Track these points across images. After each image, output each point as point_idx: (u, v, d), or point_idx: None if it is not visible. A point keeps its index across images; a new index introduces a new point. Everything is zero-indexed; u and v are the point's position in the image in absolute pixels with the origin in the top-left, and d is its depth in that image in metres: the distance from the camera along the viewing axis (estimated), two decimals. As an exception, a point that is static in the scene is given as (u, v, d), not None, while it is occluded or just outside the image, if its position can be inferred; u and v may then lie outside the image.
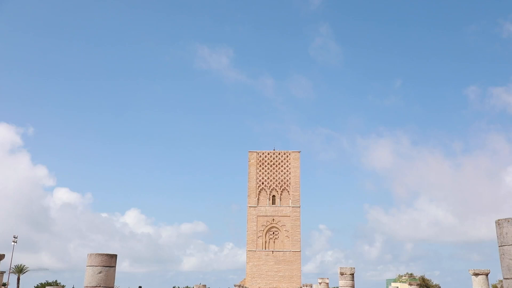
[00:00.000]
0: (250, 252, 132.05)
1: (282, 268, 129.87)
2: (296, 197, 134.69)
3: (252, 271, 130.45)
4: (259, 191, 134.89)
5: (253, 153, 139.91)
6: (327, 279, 39.84)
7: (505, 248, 7.60)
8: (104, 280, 14.11)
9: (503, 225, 7.65)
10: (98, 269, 14.12)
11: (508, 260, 7.46)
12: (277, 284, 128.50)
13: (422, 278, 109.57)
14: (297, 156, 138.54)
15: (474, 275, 26.07)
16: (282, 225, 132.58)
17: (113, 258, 14.58)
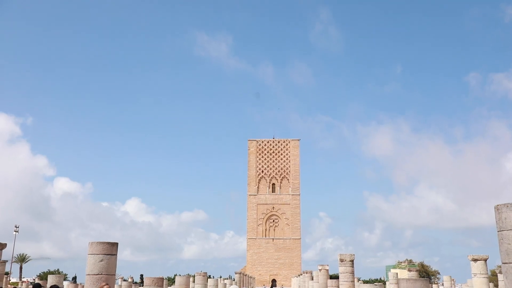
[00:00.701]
0: (250, 240, 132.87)
1: (282, 256, 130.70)
2: (296, 185, 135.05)
3: (252, 258, 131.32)
4: (259, 179, 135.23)
5: (252, 141, 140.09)
6: (327, 266, 40.09)
7: (503, 233, 7.64)
8: (106, 268, 14.19)
9: (502, 210, 7.69)
10: (99, 257, 14.20)
11: (506, 245, 7.51)
12: (277, 271, 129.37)
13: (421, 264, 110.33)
14: (296, 144, 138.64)
15: (473, 260, 26.24)
16: (282, 213, 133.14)
17: (114, 246, 14.65)
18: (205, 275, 35.10)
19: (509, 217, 7.48)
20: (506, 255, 7.49)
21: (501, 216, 7.63)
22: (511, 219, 7.43)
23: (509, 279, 7.39)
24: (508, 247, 7.45)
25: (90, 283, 14.00)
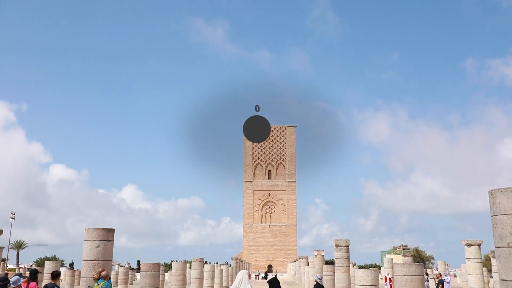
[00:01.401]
0: (246, 226, 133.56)
1: (279, 242, 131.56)
2: (292, 171, 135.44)
3: (249, 244, 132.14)
4: (255, 166, 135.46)
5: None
6: (322, 252, 40.37)
7: (497, 217, 7.70)
8: (102, 253, 14.23)
9: (496, 195, 7.74)
10: (96, 243, 14.24)
11: (500, 229, 7.57)
12: (273, 257, 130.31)
13: (416, 250, 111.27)
14: (292, 130, 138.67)
15: (467, 245, 26.50)
16: (278, 199, 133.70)
17: (111, 232, 14.69)
18: (202, 261, 35.29)
19: (502, 202, 7.54)
20: (500, 239, 7.55)
21: (495, 201, 7.68)
22: (504, 204, 7.48)
23: (502, 263, 7.47)
24: (501, 232, 7.52)
25: (87, 268, 14.06)
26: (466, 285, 41.39)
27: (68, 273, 44.78)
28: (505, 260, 7.39)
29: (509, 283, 7.31)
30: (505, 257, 7.40)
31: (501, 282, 7.58)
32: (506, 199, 7.46)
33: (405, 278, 14.16)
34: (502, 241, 7.46)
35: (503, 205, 7.49)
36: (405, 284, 14.12)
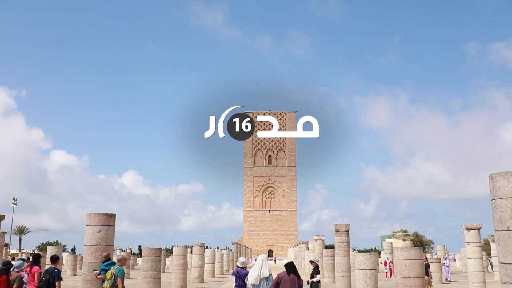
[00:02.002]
0: (247, 212, 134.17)
1: (279, 227, 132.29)
2: (292, 157, 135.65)
3: (249, 229, 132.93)
4: (255, 152, 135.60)
5: (248, 113, 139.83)
6: (322, 236, 40.62)
7: (497, 201, 7.72)
8: (104, 238, 14.33)
9: (496, 179, 7.75)
10: (97, 228, 14.32)
11: (499, 213, 7.60)
12: (274, 242, 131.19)
13: (416, 234, 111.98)
14: (292, 116, 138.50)
15: (467, 230, 26.63)
16: (278, 185, 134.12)
17: (112, 217, 14.76)
18: (203, 246, 35.55)
19: (502, 186, 7.55)
20: (499, 223, 7.59)
21: (495, 184, 7.70)
22: (504, 187, 7.50)
23: (501, 246, 7.52)
24: (501, 215, 7.55)
25: (89, 253, 14.16)
26: (465, 269, 41.73)
27: (70, 258, 45.14)
28: (504, 243, 7.43)
29: (508, 266, 7.37)
30: (504, 241, 7.44)
31: (500, 265, 7.64)
32: (506, 183, 7.47)
33: (405, 262, 14.28)
34: (501, 225, 7.50)
35: (503, 188, 7.51)
36: (404, 267, 14.24)
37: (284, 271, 10.88)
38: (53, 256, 12.02)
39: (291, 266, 11.00)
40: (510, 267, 7.33)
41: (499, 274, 7.72)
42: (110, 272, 11.76)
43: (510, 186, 7.49)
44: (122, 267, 12.15)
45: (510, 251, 7.34)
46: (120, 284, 11.39)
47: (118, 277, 11.61)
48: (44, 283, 11.19)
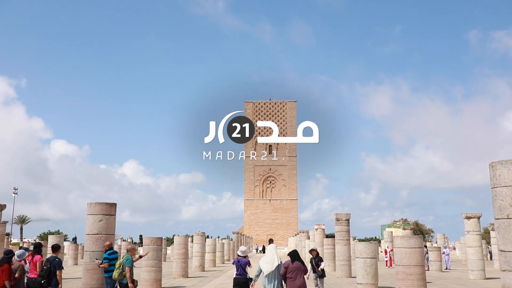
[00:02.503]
0: (247, 201, 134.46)
1: (279, 216, 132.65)
2: (293, 146, 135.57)
3: (250, 219, 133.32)
4: (255, 141, 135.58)
5: (249, 103, 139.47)
6: (323, 225, 40.75)
7: (497, 189, 7.73)
8: (105, 228, 14.38)
9: (496, 168, 7.75)
10: (98, 217, 14.36)
11: (500, 201, 7.61)
12: (274, 231, 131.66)
13: (416, 223, 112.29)
14: (293, 105, 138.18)
15: (467, 218, 26.70)
16: (279, 174, 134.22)
17: (113, 206, 14.81)
18: (203, 235, 35.67)
19: (503, 174, 7.56)
20: (499, 211, 7.60)
21: (495, 173, 7.70)
22: (505, 176, 7.50)
23: (501, 234, 7.54)
24: (501, 203, 7.56)
25: (90, 242, 14.22)
26: (465, 258, 41.92)
27: (72, 248, 45.36)
28: (504, 231, 7.45)
29: (507, 253, 7.39)
30: (504, 229, 7.46)
31: (499, 252, 7.66)
32: (506, 171, 7.48)
33: (405, 251, 14.34)
34: (501, 213, 7.51)
35: (503, 177, 7.52)
36: (404, 256, 14.30)
37: (289, 260, 11.34)
38: (54, 245, 12.07)
39: (295, 254, 11.54)
40: (509, 254, 7.36)
41: (499, 261, 7.76)
42: (119, 261, 12.09)
43: (510, 175, 7.49)
44: (131, 257, 12.46)
45: (509, 239, 7.36)
46: (127, 273, 11.71)
47: (126, 266, 11.95)
48: (45, 271, 11.25)
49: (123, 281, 11.97)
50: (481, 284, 22.68)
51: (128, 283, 11.85)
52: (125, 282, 11.90)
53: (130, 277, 11.85)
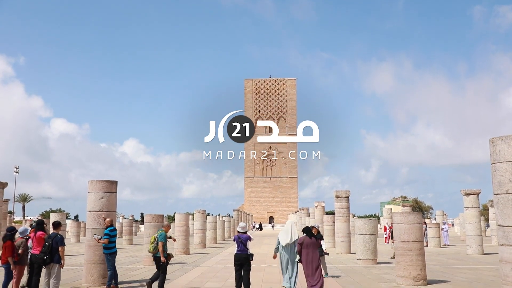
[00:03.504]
0: (248, 179, 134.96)
1: (280, 194, 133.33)
2: (293, 124, 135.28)
3: (250, 197, 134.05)
4: (255, 119, 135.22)
5: (249, 81, 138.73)
6: (323, 203, 41.03)
7: (497, 165, 7.75)
8: (106, 205, 14.47)
9: (496, 143, 7.75)
10: (99, 195, 14.44)
11: (499, 176, 7.63)
12: (274, 208, 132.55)
13: (415, 200, 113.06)
14: (293, 83, 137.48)
15: (466, 195, 26.85)
16: (279, 152, 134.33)
17: (114, 184, 14.87)
18: (204, 213, 35.92)
19: (503, 150, 7.56)
20: (499, 186, 7.63)
21: (495, 149, 7.71)
22: (505, 151, 7.51)
23: (500, 209, 7.58)
24: (500, 179, 7.59)
25: (92, 219, 14.34)
26: (463, 234, 42.32)
27: (73, 225, 45.72)
28: (503, 206, 7.49)
29: (506, 228, 7.45)
30: (503, 204, 7.50)
31: (498, 227, 7.72)
32: (506, 147, 7.48)
33: (404, 227, 14.45)
34: (501, 188, 7.54)
35: (503, 152, 7.52)
36: (404, 232, 14.42)
37: (303, 236, 11.98)
38: (55, 222, 12.15)
39: (308, 230, 12.17)
40: (508, 229, 7.41)
41: (497, 236, 7.82)
42: (153, 236, 12.65)
43: (511, 150, 7.49)
44: (164, 232, 12.85)
45: (508, 214, 7.41)
46: (160, 247, 12.29)
47: (159, 241, 12.43)
48: (47, 248, 11.35)
49: (157, 255, 12.51)
50: (479, 259, 22.94)
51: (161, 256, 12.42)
52: (159, 256, 12.47)
53: (162, 251, 12.42)
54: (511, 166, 7.43)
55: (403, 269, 14.13)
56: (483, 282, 14.53)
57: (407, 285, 13.83)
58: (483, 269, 18.62)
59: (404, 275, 14.06)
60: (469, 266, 20.01)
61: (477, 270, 18.04)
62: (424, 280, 14.08)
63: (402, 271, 14.15)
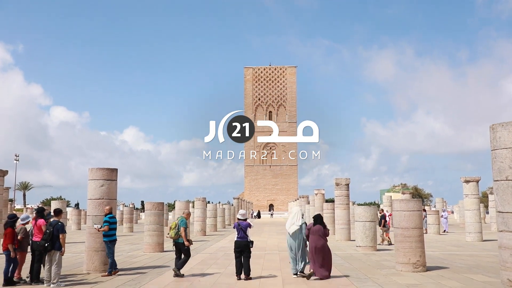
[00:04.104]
0: (248, 167, 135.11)
1: (280, 182, 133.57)
2: (293, 112, 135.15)
3: (250, 184, 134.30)
4: (255, 107, 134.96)
5: (249, 69, 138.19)
6: (323, 190, 41.08)
7: (497, 152, 7.74)
8: (107, 193, 14.50)
9: (497, 130, 7.74)
10: (100, 183, 14.46)
11: (499, 163, 7.63)
12: (274, 196, 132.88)
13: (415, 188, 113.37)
14: (293, 71, 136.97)
15: (465, 182, 26.89)
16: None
17: (114, 172, 14.88)
18: (204, 200, 36.02)
19: (503, 136, 7.55)
20: (498, 173, 7.63)
21: (495, 135, 7.69)
22: (505, 138, 7.49)
23: (499, 196, 7.59)
24: (500, 165, 7.59)
25: (92, 207, 14.38)
26: (462, 221, 42.48)
27: (74, 213, 45.90)
28: (503, 193, 7.50)
29: (505, 214, 7.47)
30: (502, 190, 7.51)
31: (497, 214, 7.74)
32: (507, 133, 7.46)
33: (404, 214, 14.49)
34: (500, 175, 7.54)
35: (503, 139, 7.51)
36: (403, 219, 14.47)
37: (312, 222, 12.90)
38: (56, 209, 12.20)
39: (319, 217, 13.12)
40: (507, 215, 7.43)
41: (496, 222, 7.84)
42: (174, 222, 13.15)
43: (511, 137, 7.48)
44: (185, 219, 13.29)
45: (508, 200, 7.42)
46: (182, 232, 12.80)
47: (181, 227, 12.90)
48: (48, 235, 11.40)
49: (179, 241, 12.89)
50: (478, 246, 23.06)
51: (184, 242, 12.84)
52: (181, 241, 12.85)
53: (185, 236, 12.88)
54: (511, 152, 7.43)
55: (402, 255, 14.20)
56: (482, 268, 14.61)
57: (407, 271, 13.91)
58: (482, 255, 18.71)
59: (404, 261, 14.13)
60: (468, 252, 20.11)
61: (476, 257, 18.14)
62: (424, 267, 14.15)
63: (401, 258, 14.23)
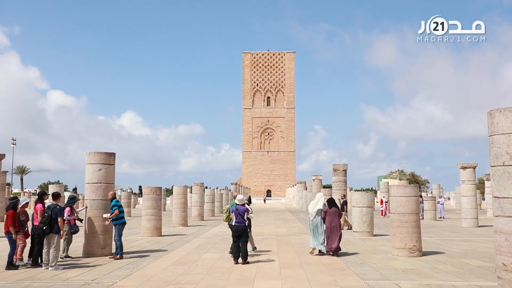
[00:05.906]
0: (246, 153, 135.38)
1: (277, 167, 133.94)
2: (291, 98, 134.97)
3: (248, 170, 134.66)
4: (253, 93, 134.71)
5: (247, 54, 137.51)
6: (320, 176, 41.26)
7: (494, 137, 7.75)
8: (105, 177, 14.52)
9: (494, 115, 7.74)
10: (97, 167, 14.48)
11: (496, 148, 7.65)
12: (272, 182, 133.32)
13: (412, 174, 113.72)
14: (292, 56, 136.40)
15: (462, 168, 27.01)
16: (277, 126, 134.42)
17: (112, 156, 14.89)
18: (202, 186, 36.11)
19: (501, 122, 7.56)
20: (495, 158, 7.65)
21: (493, 121, 7.70)
22: (503, 123, 7.51)
23: (496, 181, 7.63)
24: (497, 151, 7.61)
25: (90, 191, 14.41)
26: (459, 207, 42.75)
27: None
28: (499, 178, 7.53)
29: (501, 200, 7.51)
30: (499, 176, 7.54)
31: (493, 199, 7.79)
32: (504, 119, 7.47)
33: (400, 199, 14.57)
34: (497, 160, 7.57)
35: (501, 125, 7.52)
36: (400, 204, 14.55)
37: (327, 206, 14.37)
38: (54, 192, 12.23)
39: (332, 201, 14.56)
40: (503, 200, 7.47)
41: (492, 207, 7.90)
42: (227, 207, 14.14)
43: (508, 122, 7.49)
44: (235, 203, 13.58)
45: (504, 186, 7.46)
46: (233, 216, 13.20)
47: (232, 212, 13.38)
48: (46, 218, 11.44)
49: (230, 223, 13.35)
50: (474, 231, 23.24)
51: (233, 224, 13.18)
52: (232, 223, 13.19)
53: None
54: (508, 138, 7.45)
55: (399, 240, 14.31)
56: (477, 253, 14.75)
57: (403, 256, 14.03)
58: (477, 240, 18.88)
59: (400, 246, 14.25)
60: (464, 238, 20.28)
61: (472, 242, 18.29)
62: (420, 252, 14.28)
63: (398, 243, 14.34)
